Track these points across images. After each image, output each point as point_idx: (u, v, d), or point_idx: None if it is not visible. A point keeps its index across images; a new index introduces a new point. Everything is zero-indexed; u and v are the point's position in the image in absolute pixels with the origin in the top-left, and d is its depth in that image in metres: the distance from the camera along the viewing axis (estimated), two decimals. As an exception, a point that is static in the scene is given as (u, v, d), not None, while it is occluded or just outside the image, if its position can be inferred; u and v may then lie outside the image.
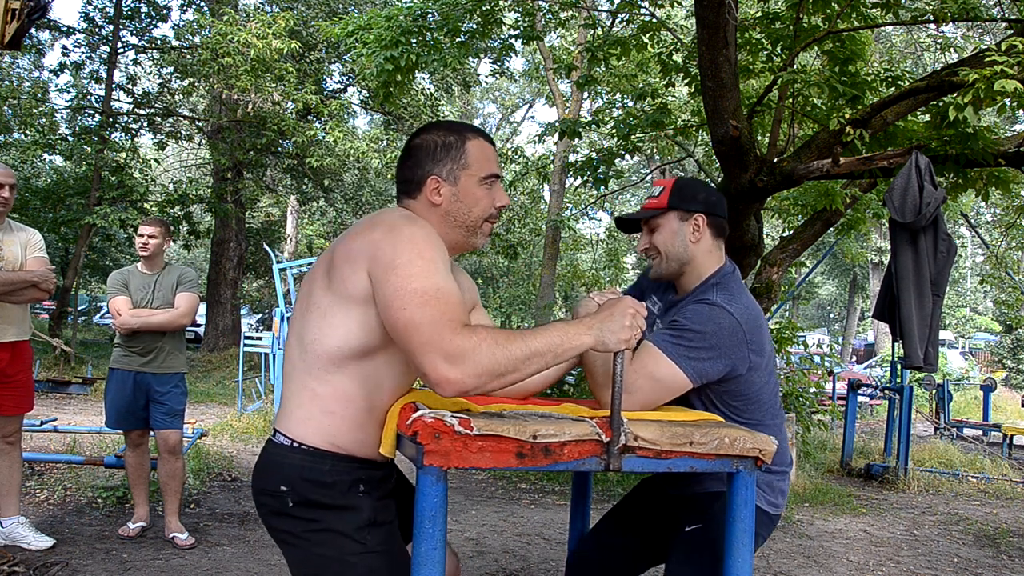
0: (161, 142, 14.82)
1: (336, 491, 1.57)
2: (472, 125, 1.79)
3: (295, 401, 1.61)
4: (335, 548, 1.56)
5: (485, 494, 5.91)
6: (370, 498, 1.60)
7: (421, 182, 1.68)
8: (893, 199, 3.90)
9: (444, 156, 1.67)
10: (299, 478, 1.57)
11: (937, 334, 4.01)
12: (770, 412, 1.95)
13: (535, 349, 1.43)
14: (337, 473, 1.57)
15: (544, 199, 16.54)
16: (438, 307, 1.42)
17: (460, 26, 6.09)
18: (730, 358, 1.82)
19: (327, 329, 1.56)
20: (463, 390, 1.40)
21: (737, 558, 1.61)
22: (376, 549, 1.57)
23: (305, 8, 15.55)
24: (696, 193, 2.00)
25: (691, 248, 1.98)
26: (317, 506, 1.57)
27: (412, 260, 1.47)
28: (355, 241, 1.56)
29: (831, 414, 8.75)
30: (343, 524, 1.56)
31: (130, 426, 4.15)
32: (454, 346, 1.39)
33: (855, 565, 4.60)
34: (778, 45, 5.17)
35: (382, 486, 1.66)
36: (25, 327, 3.71)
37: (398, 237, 1.51)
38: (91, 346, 15.65)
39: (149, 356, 4.11)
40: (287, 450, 1.60)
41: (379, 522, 1.60)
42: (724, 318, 1.82)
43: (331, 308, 1.56)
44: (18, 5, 3.13)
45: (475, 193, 1.68)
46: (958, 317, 29.98)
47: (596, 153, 6.77)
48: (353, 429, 1.59)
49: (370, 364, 1.58)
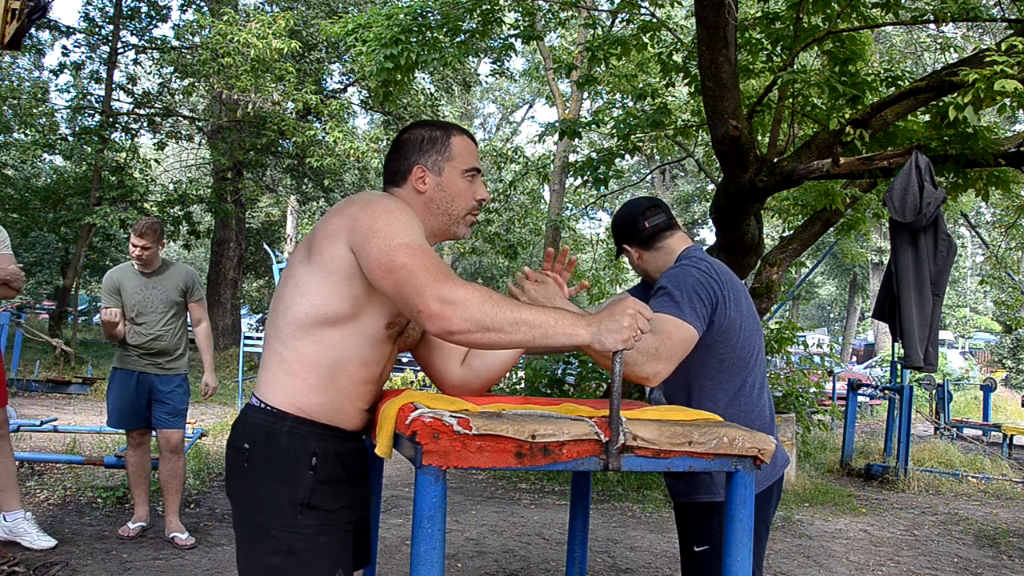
0: (161, 142, 14.81)
1: (286, 457, 1.60)
2: (456, 124, 1.89)
3: (265, 366, 1.69)
4: (266, 517, 1.60)
5: (485, 494, 5.91)
6: (313, 477, 1.61)
7: (407, 171, 1.76)
8: (893, 199, 3.90)
9: (430, 148, 1.76)
10: (260, 438, 1.62)
11: (937, 334, 4.01)
12: (757, 376, 2.06)
13: (525, 318, 1.44)
14: (294, 436, 1.61)
15: (544, 199, 16.54)
16: (427, 258, 1.48)
17: (460, 25, 6.09)
18: (712, 299, 1.95)
19: (298, 297, 1.63)
20: (451, 330, 1.42)
21: (736, 557, 1.61)
22: (305, 531, 1.60)
23: (305, 8, 15.55)
24: (615, 226, 2.24)
25: (648, 264, 2.19)
26: (269, 471, 1.61)
27: (390, 223, 1.55)
28: (334, 219, 1.63)
29: (831, 414, 8.76)
30: (280, 496, 1.60)
31: (132, 425, 4.15)
32: (448, 291, 1.43)
33: (855, 565, 4.60)
34: (778, 45, 5.17)
35: (340, 464, 1.66)
36: None
37: (375, 208, 1.59)
38: (91, 346, 15.65)
39: (152, 357, 4.11)
40: (255, 410, 1.66)
41: (314, 505, 1.61)
42: (692, 271, 1.99)
43: (305, 279, 1.63)
44: (18, 5, 3.13)
45: (457, 184, 1.77)
46: (958, 317, 29.97)
47: (596, 153, 6.77)
48: (315, 392, 1.63)
49: (335, 332, 1.63)
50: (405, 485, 5.89)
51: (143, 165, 14.08)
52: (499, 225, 15.63)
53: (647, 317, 1.51)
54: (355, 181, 19.64)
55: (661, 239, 2.16)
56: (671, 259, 2.13)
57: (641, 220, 2.17)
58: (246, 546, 1.63)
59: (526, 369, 7.72)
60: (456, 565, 4.11)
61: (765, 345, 2.21)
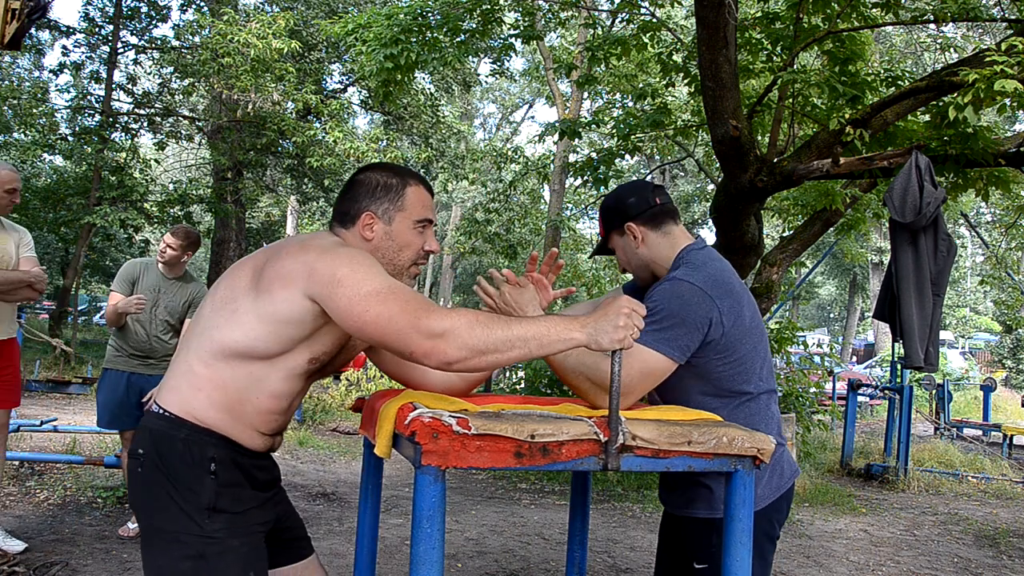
0: (161, 142, 14.81)
1: (184, 463, 1.58)
2: (414, 172, 1.83)
3: (170, 373, 1.67)
4: (171, 521, 1.57)
5: (485, 494, 5.91)
6: (215, 481, 1.59)
7: (356, 216, 1.72)
8: (893, 199, 3.89)
9: (383, 196, 1.73)
10: (154, 443, 1.60)
11: (937, 334, 4.01)
12: (762, 383, 1.94)
13: (518, 334, 1.43)
14: (191, 444, 1.59)
15: (544, 199, 16.53)
16: (400, 299, 1.46)
17: (460, 25, 6.09)
18: (702, 324, 1.82)
19: (233, 324, 1.60)
20: (448, 361, 1.41)
21: (736, 557, 1.60)
22: (214, 536, 1.57)
23: (305, 8, 15.54)
24: (615, 206, 2.03)
25: (642, 252, 2.01)
26: (163, 475, 1.58)
27: (354, 269, 1.51)
28: (288, 261, 1.58)
29: (831, 414, 8.75)
30: (183, 500, 1.57)
31: (123, 426, 4.15)
32: (433, 324, 1.41)
33: (855, 565, 4.60)
34: (778, 45, 5.17)
35: (239, 471, 1.64)
36: (13, 325, 3.74)
37: (334, 256, 1.55)
38: (91, 346, 15.64)
39: (143, 358, 4.11)
40: (153, 416, 1.64)
41: (220, 509, 1.59)
42: (685, 288, 1.84)
43: (247, 312, 1.59)
44: (18, 5, 3.13)
45: (406, 235, 1.73)
46: (958, 317, 29.96)
47: (596, 153, 6.76)
48: (215, 409, 1.61)
49: (255, 365, 1.61)
50: (405, 485, 5.89)
51: (143, 165, 14.07)
52: (499, 225, 15.63)
53: (642, 315, 1.51)
54: (355, 181, 19.60)
55: (669, 223, 2.00)
56: (672, 252, 1.98)
57: (652, 196, 2.01)
58: (152, 553, 1.59)
59: (526, 369, 7.72)
60: (456, 565, 4.11)
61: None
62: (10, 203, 3.63)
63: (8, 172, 3.62)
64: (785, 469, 1.97)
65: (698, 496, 1.91)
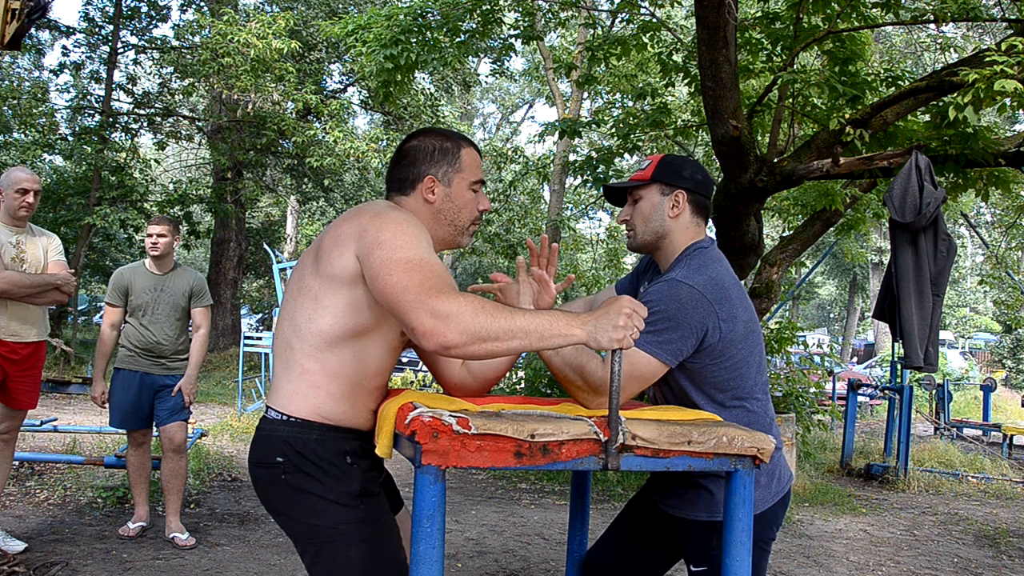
0: (161, 142, 14.81)
1: (326, 461, 1.65)
2: (464, 135, 1.91)
3: (285, 377, 1.70)
4: (328, 517, 1.63)
5: (485, 494, 5.91)
6: (359, 468, 1.68)
7: (416, 180, 1.79)
8: (893, 199, 3.90)
9: (441, 159, 1.80)
10: (291, 449, 1.65)
11: (937, 334, 4.01)
12: (756, 387, 1.93)
13: (520, 326, 1.44)
14: (325, 443, 1.66)
15: (544, 199, 16.53)
16: (423, 273, 1.49)
17: (460, 25, 6.09)
18: (699, 329, 1.82)
19: (320, 311, 1.65)
20: (446, 344, 1.42)
21: (736, 557, 1.61)
22: (368, 518, 1.65)
23: (305, 8, 15.54)
24: (682, 169, 2.00)
25: (668, 223, 1.99)
26: (309, 476, 1.64)
27: (396, 235, 1.56)
28: (342, 226, 1.66)
29: (831, 414, 8.74)
30: (335, 494, 1.64)
31: (134, 426, 4.16)
32: (440, 305, 1.43)
33: (855, 565, 4.60)
34: (778, 45, 5.17)
35: (370, 456, 1.72)
36: (45, 328, 3.80)
37: (384, 219, 1.61)
38: (91, 346, 15.61)
39: (155, 358, 4.12)
40: (277, 423, 1.68)
41: (370, 492, 1.68)
42: (683, 291, 1.83)
43: (321, 291, 1.66)
44: (18, 5, 3.13)
45: (464, 196, 1.82)
46: (958, 317, 29.96)
47: (596, 153, 6.77)
48: (339, 401, 1.68)
49: (359, 344, 1.67)
50: (405, 485, 5.87)
51: (143, 165, 14.07)
52: (499, 225, 15.62)
53: (643, 315, 1.52)
54: (355, 181, 19.63)
55: (703, 218, 2.02)
56: (687, 242, 1.98)
57: (711, 191, 2.03)
58: (318, 550, 1.65)
59: (526, 369, 7.71)
60: (456, 565, 4.11)
61: (765, 345, 2.08)
62: (22, 204, 3.65)
63: (20, 173, 3.66)
64: (782, 474, 1.97)
65: (698, 499, 1.91)
